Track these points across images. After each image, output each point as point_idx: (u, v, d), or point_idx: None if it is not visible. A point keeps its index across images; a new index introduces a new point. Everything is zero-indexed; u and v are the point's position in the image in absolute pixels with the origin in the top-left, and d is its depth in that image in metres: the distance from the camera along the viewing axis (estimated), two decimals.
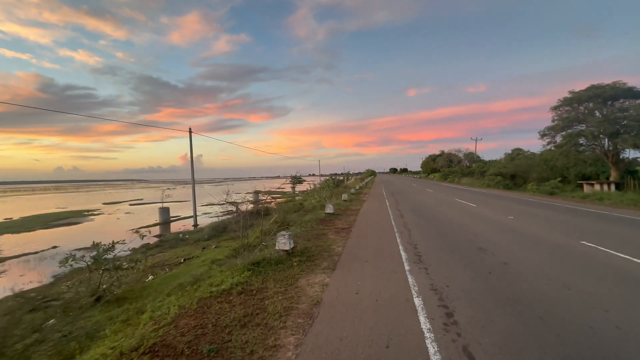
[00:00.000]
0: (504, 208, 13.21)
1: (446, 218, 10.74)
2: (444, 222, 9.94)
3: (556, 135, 26.46)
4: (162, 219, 23.62)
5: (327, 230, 9.22)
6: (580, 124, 24.72)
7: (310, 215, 13.60)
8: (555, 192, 20.31)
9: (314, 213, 14.21)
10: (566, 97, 25.46)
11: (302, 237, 8.36)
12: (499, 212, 12.03)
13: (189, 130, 21.27)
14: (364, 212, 13.32)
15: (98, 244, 6.71)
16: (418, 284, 4.54)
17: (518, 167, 31.99)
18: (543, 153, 30.91)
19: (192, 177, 21.45)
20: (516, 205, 14.10)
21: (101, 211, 33.59)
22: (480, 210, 12.71)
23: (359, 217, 11.83)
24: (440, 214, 11.73)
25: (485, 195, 20.31)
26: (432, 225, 9.47)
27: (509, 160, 38.44)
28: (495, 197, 19.01)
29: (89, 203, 47.16)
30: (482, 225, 9.25)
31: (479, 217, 10.71)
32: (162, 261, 11.54)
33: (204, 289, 5.02)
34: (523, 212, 11.94)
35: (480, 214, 11.63)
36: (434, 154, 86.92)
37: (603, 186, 20.85)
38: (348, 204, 17.08)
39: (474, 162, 63.25)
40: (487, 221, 9.89)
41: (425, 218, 10.89)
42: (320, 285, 4.68)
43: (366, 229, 9.14)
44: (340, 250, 6.71)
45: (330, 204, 12.65)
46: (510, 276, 4.75)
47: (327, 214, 12.52)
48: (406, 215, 11.76)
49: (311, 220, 11.32)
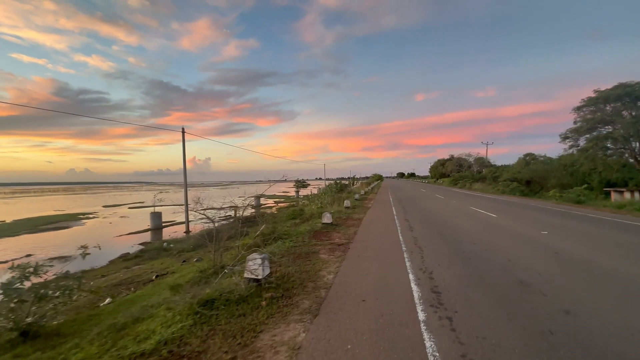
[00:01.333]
0: (531, 219, 11.36)
1: (465, 233, 8.98)
2: (464, 238, 8.19)
3: (579, 138, 24.40)
4: (154, 224, 22.31)
5: (320, 247, 7.58)
6: (606, 126, 22.64)
7: (305, 225, 11.98)
8: (582, 200, 18.25)
9: (311, 222, 12.60)
10: (590, 96, 23.43)
11: (288, 255, 6.75)
12: (527, 224, 10.20)
13: (181, 130, 19.96)
14: (367, 222, 11.64)
15: (18, 265, 5.18)
16: (441, 353, 2.87)
17: (534, 172, 29.94)
18: (562, 157, 28.81)
19: (184, 179, 20.10)
20: (544, 216, 12.21)
21: (97, 214, 32.53)
22: (503, 222, 10.89)
23: (360, 228, 10.16)
24: (456, 227, 9.97)
25: (503, 203, 18.37)
26: (449, 242, 7.74)
27: (524, 165, 36.38)
28: (516, 205, 17.08)
29: (89, 206, 46.44)
30: (513, 243, 7.49)
31: (505, 232, 8.93)
32: (132, 277, 10.05)
33: (124, 343, 3.45)
34: (556, 225, 10.09)
35: (505, 227, 9.83)
36: (443, 159, 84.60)
37: (634, 194, 18.73)
38: (350, 211, 15.40)
39: (484, 167, 61.03)
40: (517, 238, 8.11)
41: (439, 232, 9.16)
42: (289, 349, 3.05)
43: (367, 247, 7.47)
44: (330, 280, 5.07)
45: (328, 213, 11.02)
46: (584, 337, 3.04)
47: (324, 224, 10.88)
48: (416, 227, 10.04)
49: (304, 232, 9.71)
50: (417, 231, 9.26)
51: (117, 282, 9.53)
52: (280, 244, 8.26)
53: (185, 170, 19.98)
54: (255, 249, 7.15)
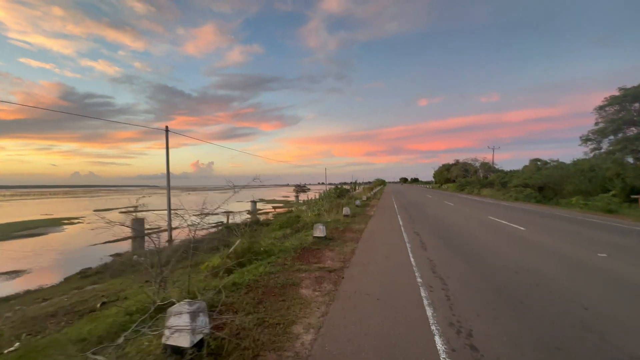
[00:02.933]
0: (571, 235, 9.31)
1: (496, 254, 6.97)
2: (498, 263, 6.18)
3: (602, 140, 22.34)
4: (135, 232, 20.36)
5: (304, 275, 5.62)
6: (632, 127, 20.57)
7: (293, 239, 10.04)
8: (614, 209, 16.11)
9: (302, 234, 10.65)
10: (614, 95, 21.41)
11: (256, 289, 4.80)
12: (570, 242, 8.17)
13: (165, 128, 18.16)
14: (368, 235, 9.65)
15: None
16: None
17: (548, 178, 27.86)
18: (578, 162, 26.78)
19: (167, 181, 18.23)
20: (585, 231, 10.14)
21: (82, 220, 30.78)
22: (537, 238, 8.86)
23: (360, 245, 8.17)
24: (481, 245, 7.95)
25: (523, 212, 16.28)
26: (479, 270, 5.73)
27: (535, 171, 34.30)
28: (539, 214, 14.99)
29: (81, 209, 44.82)
30: (572, 275, 5.46)
31: (550, 255, 6.90)
32: (75, 303, 8.07)
33: None
34: (610, 243, 8.04)
35: (545, 246, 7.80)
36: (448, 164, 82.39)
37: None
38: (349, 220, 13.42)
39: (491, 172, 58.89)
40: (570, 265, 6.08)
41: (460, 252, 7.15)
42: None
43: (368, 276, 5.49)
44: (307, 346, 3.10)
45: (321, 225, 9.05)
46: None
47: (315, 238, 8.92)
48: (429, 243, 8.04)
49: (290, 249, 7.76)
50: (432, 250, 7.26)
51: (54, 309, 7.58)
52: (253, 267, 6.31)
53: (168, 171, 18.13)
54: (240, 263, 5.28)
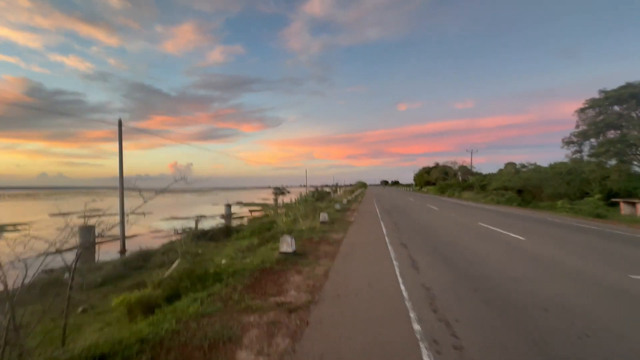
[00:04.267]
0: (581, 247, 8.13)
1: (507, 277, 5.53)
2: (517, 296, 4.71)
3: (584, 142, 22.12)
4: (83, 241, 17.71)
5: (252, 318, 3.90)
6: (611, 129, 20.38)
7: (257, 255, 8.31)
8: (603, 214, 15.50)
9: (268, 248, 8.92)
10: (595, 98, 21.21)
11: (165, 351, 3.04)
12: (587, 257, 6.93)
13: (118, 122, 15.85)
14: (346, 249, 8.05)
15: None
16: None
17: (527, 181, 27.74)
18: (556, 165, 26.76)
19: (120, 182, 15.85)
20: (593, 241, 9.04)
21: (31, 225, 27.34)
22: (544, 251, 7.60)
23: (336, 263, 6.54)
24: (484, 263, 6.55)
25: (512, 217, 15.32)
26: (497, 307, 4.23)
27: (513, 174, 34.39)
28: (529, 220, 14.04)
29: (35, 213, 40.52)
30: (621, 311, 4.09)
31: (573, 277, 5.54)
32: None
33: None
34: (631, 259, 6.88)
35: (561, 264, 6.49)
36: (428, 167, 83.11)
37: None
38: (327, 228, 11.81)
39: (469, 175, 59.52)
40: (609, 294, 4.72)
41: (463, 274, 5.68)
42: None
43: (344, 319, 3.85)
44: None
45: (289, 237, 7.34)
46: None
47: (282, 253, 7.21)
48: (421, 261, 6.54)
49: (246, 271, 6.03)
50: (426, 271, 5.74)
51: None
52: (184, 304, 4.52)
53: (121, 169, 15.78)
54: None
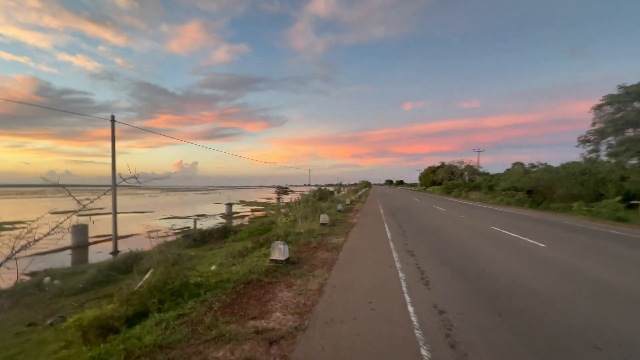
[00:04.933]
0: (609, 255, 7.20)
1: (538, 298, 4.66)
2: (562, 330, 3.85)
3: (601, 141, 20.95)
4: (76, 240, 17.21)
5: (222, 351, 3.09)
6: (631, 128, 19.20)
7: (245, 262, 7.55)
8: (623, 217, 14.43)
9: (260, 254, 8.15)
10: (612, 94, 20.03)
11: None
12: (621, 269, 6.02)
13: (111, 118, 15.20)
14: (346, 256, 7.22)
15: None
16: None
17: (538, 181, 26.54)
18: (568, 165, 25.64)
19: (112, 180, 15.20)
20: (623, 248, 8.09)
21: (28, 224, 27.00)
22: (572, 261, 6.69)
23: (333, 275, 5.72)
24: (506, 277, 5.67)
25: (524, 220, 14.33)
26: (537, 347, 3.37)
27: (523, 174, 33.28)
28: (545, 223, 13.05)
29: (37, 211, 40.38)
30: None
31: (624, 300, 4.67)
32: None
33: None
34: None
35: (600, 278, 5.59)
36: (434, 166, 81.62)
37: None
38: (327, 231, 10.99)
39: (476, 175, 58.23)
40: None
41: (486, 294, 4.82)
42: None
43: (339, 353, 3.03)
44: None
45: (282, 243, 6.53)
46: None
47: (273, 261, 6.41)
48: (432, 274, 5.68)
49: (229, 282, 5.26)
50: (438, 288, 4.88)
51: None
52: (144, 330, 3.73)
53: (113, 166, 15.13)
54: None
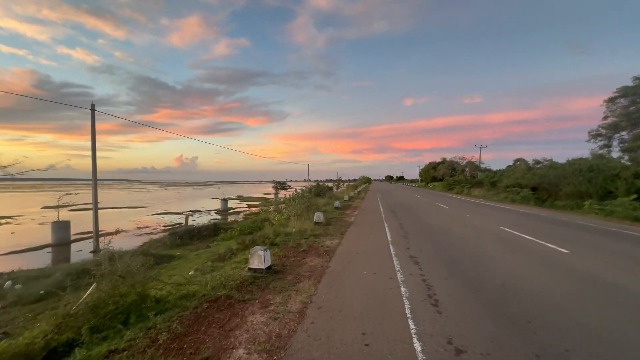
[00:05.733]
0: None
1: (590, 334, 3.64)
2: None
3: (614, 135, 19.86)
4: (56, 238, 16.21)
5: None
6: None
7: (224, 268, 6.56)
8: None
9: (239, 260, 7.16)
10: (627, 85, 18.89)
11: None
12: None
13: (91, 107, 14.09)
14: (339, 264, 6.21)
15: None
16: None
17: (543, 178, 25.55)
18: (574, 162, 24.63)
19: (93, 173, 14.13)
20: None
21: (17, 219, 26.14)
22: (606, 273, 5.68)
23: (321, 289, 4.71)
24: (534, 295, 4.65)
25: (534, 219, 13.32)
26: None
27: (527, 170, 32.31)
28: (557, 224, 12.04)
29: (28, 206, 39.49)
30: None
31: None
32: None
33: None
34: None
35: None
36: (435, 162, 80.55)
37: None
38: (321, 230, 9.99)
39: (478, 172, 57.29)
40: None
41: (510, 318, 3.81)
42: None
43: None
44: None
45: (261, 249, 5.51)
46: None
47: (251, 270, 5.41)
48: (441, 288, 4.68)
49: (195, 298, 4.27)
50: (452, 312, 3.87)
51: None
52: None
53: (94, 160, 14.06)
54: None
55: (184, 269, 9.27)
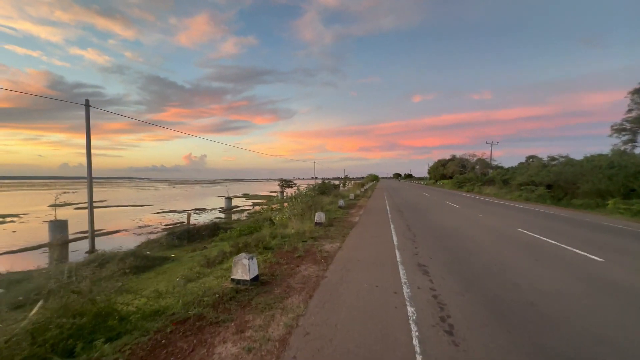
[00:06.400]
0: None
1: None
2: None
3: (639, 130, 18.50)
4: (54, 238, 15.88)
5: None
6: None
7: (206, 279, 5.90)
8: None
9: (223, 269, 6.49)
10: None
11: None
12: None
13: (85, 102, 13.63)
14: (337, 273, 5.45)
15: None
16: None
17: (559, 175, 24.30)
18: (593, 158, 23.33)
19: (88, 170, 13.69)
20: None
21: (21, 217, 26.18)
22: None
23: (311, 308, 3.95)
24: (578, 324, 3.82)
25: (555, 220, 12.28)
26: None
27: (541, 167, 30.96)
28: (581, 225, 11.02)
29: (37, 204, 39.87)
30: None
31: None
32: None
33: None
34: None
35: None
36: (444, 159, 78.84)
37: None
38: (322, 232, 9.25)
39: (489, 169, 55.70)
40: None
41: None
42: None
43: None
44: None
45: (247, 258, 4.80)
46: None
47: (234, 282, 4.71)
48: (456, 309, 3.88)
49: (162, 317, 3.57)
50: (474, 346, 3.07)
51: None
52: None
53: (89, 157, 13.62)
54: None
55: (173, 274, 8.67)
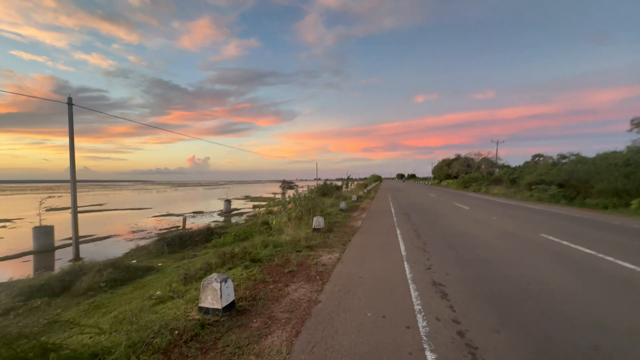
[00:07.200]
0: None
1: None
2: None
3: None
4: (38, 245, 15.02)
5: None
6: None
7: (181, 299, 4.90)
8: None
9: None
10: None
11: None
12: None
13: (68, 100, 12.77)
14: (333, 297, 4.43)
15: None
16: None
17: (571, 174, 23.07)
18: (608, 155, 22.16)
19: (71, 173, 12.82)
20: None
21: (14, 222, 25.56)
22: None
23: (294, 356, 2.95)
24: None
25: (582, 224, 11.12)
26: None
27: (551, 166, 29.78)
28: (611, 229, 9.87)
29: (34, 209, 39.29)
30: None
31: None
32: None
33: None
34: None
35: None
36: (448, 159, 77.48)
37: None
38: (319, 240, 8.23)
39: (496, 168, 54.44)
40: None
41: None
42: None
43: None
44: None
45: (218, 280, 3.82)
46: None
47: (202, 311, 3.71)
48: (491, 353, 2.84)
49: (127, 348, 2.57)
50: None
51: None
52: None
53: (72, 159, 12.75)
54: None
55: (152, 288, 7.71)
